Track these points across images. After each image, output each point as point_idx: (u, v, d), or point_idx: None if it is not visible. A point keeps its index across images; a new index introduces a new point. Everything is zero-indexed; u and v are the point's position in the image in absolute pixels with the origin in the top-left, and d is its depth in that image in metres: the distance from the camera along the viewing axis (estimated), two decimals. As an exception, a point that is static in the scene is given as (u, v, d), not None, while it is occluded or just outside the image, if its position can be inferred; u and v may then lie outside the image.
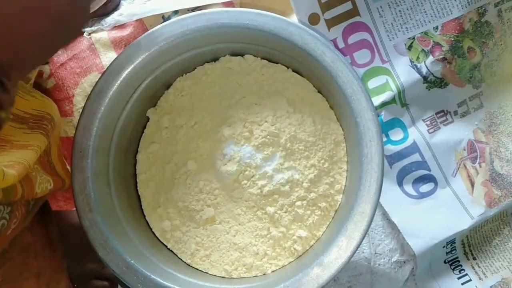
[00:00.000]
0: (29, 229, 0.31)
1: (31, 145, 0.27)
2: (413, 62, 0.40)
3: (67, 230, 0.37)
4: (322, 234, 0.35)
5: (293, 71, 0.37)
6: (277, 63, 0.37)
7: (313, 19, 0.39)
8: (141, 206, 0.37)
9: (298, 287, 0.31)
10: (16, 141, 0.26)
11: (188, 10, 0.41)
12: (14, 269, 0.29)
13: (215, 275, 0.35)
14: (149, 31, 0.34)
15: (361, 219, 0.31)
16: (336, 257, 0.31)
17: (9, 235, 0.28)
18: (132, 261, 0.31)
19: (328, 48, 0.33)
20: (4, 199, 0.25)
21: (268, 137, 0.34)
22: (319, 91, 0.37)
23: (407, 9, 0.39)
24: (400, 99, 0.40)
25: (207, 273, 0.35)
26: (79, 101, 0.41)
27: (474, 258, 0.43)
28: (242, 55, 0.37)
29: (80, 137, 0.32)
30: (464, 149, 0.42)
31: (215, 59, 0.37)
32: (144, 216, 0.37)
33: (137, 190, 0.37)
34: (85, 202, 0.31)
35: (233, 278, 0.35)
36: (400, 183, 0.41)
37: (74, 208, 0.32)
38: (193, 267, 0.35)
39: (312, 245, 0.35)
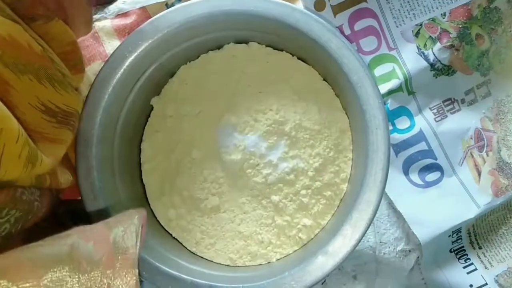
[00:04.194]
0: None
1: (60, 139, 0.27)
2: (420, 49, 0.39)
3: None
4: (327, 223, 0.35)
5: (298, 58, 0.36)
6: (282, 50, 0.36)
7: (318, 5, 0.38)
8: (146, 194, 0.37)
9: (303, 276, 0.31)
10: (46, 133, 0.26)
11: (192, -3, 0.41)
12: None
13: (220, 264, 0.35)
14: (152, 19, 0.33)
15: (366, 208, 0.31)
16: (340, 246, 0.31)
17: (36, 218, 0.28)
18: (137, 249, 0.31)
19: (333, 35, 0.32)
20: (36, 184, 0.26)
21: (272, 125, 0.34)
22: (324, 79, 0.36)
23: (415, -5, 0.38)
24: (407, 87, 0.40)
25: (212, 261, 0.35)
26: (83, 90, 0.41)
27: (480, 247, 0.42)
28: (246, 43, 0.37)
29: (84, 126, 0.32)
30: (471, 138, 0.41)
31: (219, 47, 0.37)
32: (149, 204, 0.37)
33: (141, 179, 0.37)
34: (89, 190, 0.31)
35: (238, 266, 0.35)
36: (406, 172, 0.41)
37: (79, 197, 0.32)
38: (198, 256, 0.35)
39: (317, 233, 0.35)
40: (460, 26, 0.39)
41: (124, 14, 0.42)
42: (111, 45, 0.41)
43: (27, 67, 0.24)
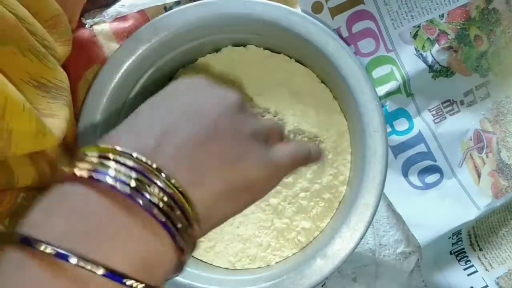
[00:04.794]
0: None
1: (57, 114, 0.27)
2: (418, 51, 0.39)
3: None
4: (326, 225, 0.35)
5: (296, 61, 0.36)
6: (279, 53, 0.36)
7: (316, 8, 0.38)
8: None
9: (302, 279, 0.31)
10: (42, 109, 0.26)
11: (190, 0, 0.41)
12: None
13: (219, 267, 0.35)
14: (149, 22, 0.33)
15: (364, 211, 0.31)
16: (339, 248, 0.31)
17: None
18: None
19: (331, 37, 0.32)
20: (37, 180, 0.25)
21: (271, 128, 0.34)
22: (322, 81, 0.36)
23: (413, -3, 0.38)
24: (405, 88, 0.40)
25: (211, 264, 0.35)
26: (82, 94, 0.41)
27: (481, 249, 0.42)
28: (244, 46, 0.37)
29: (83, 131, 0.32)
30: (471, 139, 0.41)
31: (217, 50, 0.37)
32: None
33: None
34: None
35: (237, 269, 0.35)
36: (405, 174, 0.40)
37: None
38: (197, 259, 0.35)
39: (316, 236, 0.35)
40: (458, 27, 0.39)
41: (122, 18, 0.42)
42: (109, 49, 0.41)
43: (6, 38, 0.23)
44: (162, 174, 0.19)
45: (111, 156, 0.19)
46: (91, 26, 0.41)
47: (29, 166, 0.25)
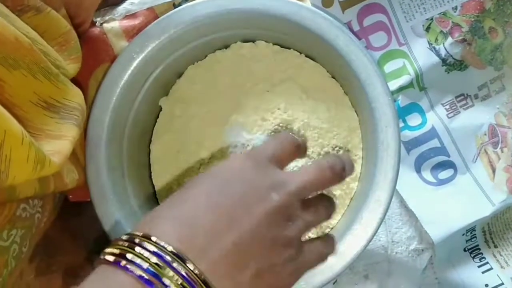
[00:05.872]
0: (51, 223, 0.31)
1: (65, 135, 0.27)
2: (431, 44, 0.38)
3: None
4: (337, 222, 0.35)
5: (306, 56, 0.36)
6: (289, 48, 0.36)
7: (326, 2, 0.38)
8: (155, 195, 0.37)
9: (313, 276, 0.31)
10: (49, 131, 0.26)
11: (199, -4, 0.41)
12: (42, 263, 0.30)
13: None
14: (158, 19, 0.33)
15: (377, 207, 0.31)
16: (351, 245, 0.31)
17: (42, 229, 0.28)
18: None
19: (341, 31, 0.32)
20: (40, 191, 0.25)
21: (280, 124, 0.34)
22: (333, 77, 0.36)
23: (425, -11, 0.38)
24: (418, 83, 0.39)
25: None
26: (92, 92, 0.41)
27: (496, 246, 0.41)
28: (253, 41, 0.36)
29: (93, 128, 0.33)
30: (485, 134, 0.40)
31: (226, 46, 0.37)
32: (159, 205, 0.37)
33: (151, 180, 0.37)
34: (99, 192, 0.32)
35: (248, 266, 0.35)
36: (418, 170, 0.40)
37: (88, 199, 0.32)
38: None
39: (327, 233, 0.35)
40: (472, 19, 0.38)
41: (132, 15, 0.42)
42: (119, 46, 0.41)
43: (18, 62, 0.23)
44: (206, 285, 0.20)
45: (168, 258, 0.20)
46: (101, 24, 0.41)
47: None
